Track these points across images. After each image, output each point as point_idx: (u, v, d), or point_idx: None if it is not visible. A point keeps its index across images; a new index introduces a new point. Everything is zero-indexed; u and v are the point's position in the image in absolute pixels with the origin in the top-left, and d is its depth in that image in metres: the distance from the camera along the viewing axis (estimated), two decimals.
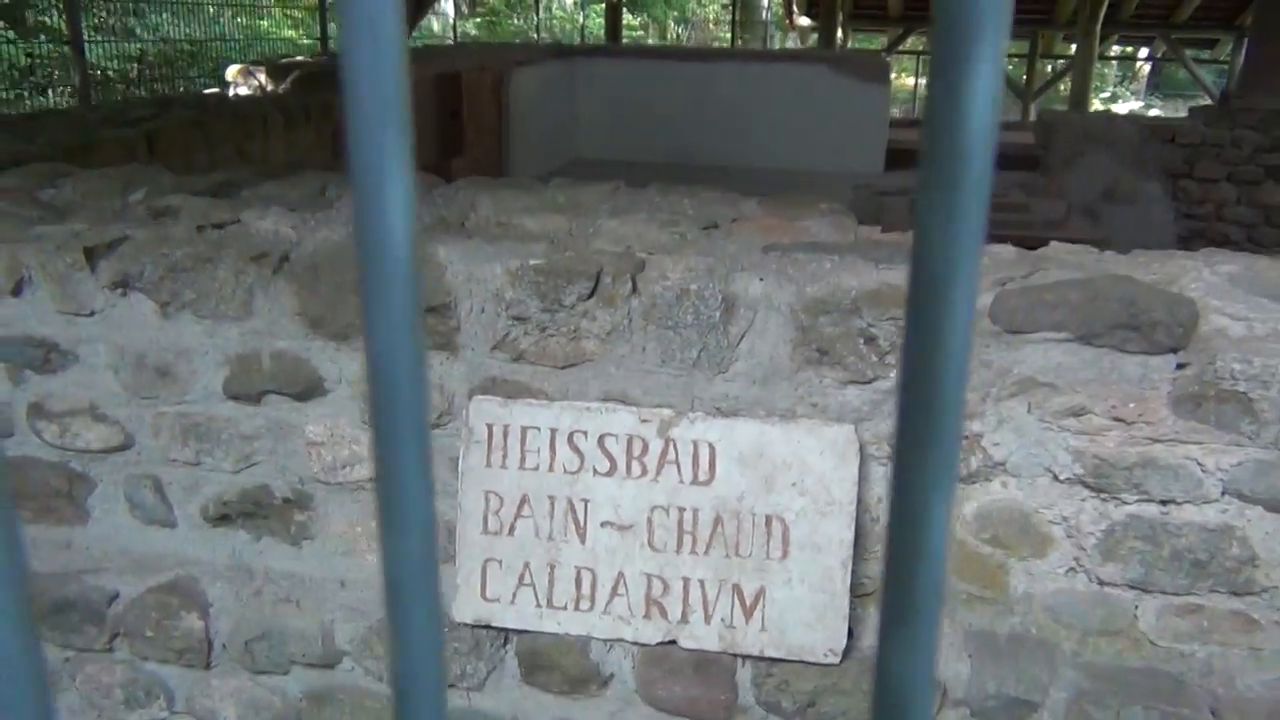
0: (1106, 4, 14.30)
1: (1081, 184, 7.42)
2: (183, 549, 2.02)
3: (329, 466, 1.92)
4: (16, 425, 2.02)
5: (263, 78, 5.21)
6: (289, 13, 19.07)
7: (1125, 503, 1.70)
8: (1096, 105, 23.99)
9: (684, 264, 1.77)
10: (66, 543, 2.06)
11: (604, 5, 15.44)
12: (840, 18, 16.70)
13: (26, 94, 11.08)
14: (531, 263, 1.79)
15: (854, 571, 1.74)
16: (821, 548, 1.71)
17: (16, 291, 1.94)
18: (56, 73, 11.49)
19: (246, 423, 1.94)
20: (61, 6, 10.55)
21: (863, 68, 7.46)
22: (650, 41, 24.52)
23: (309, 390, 1.88)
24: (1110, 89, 28.27)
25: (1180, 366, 1.65)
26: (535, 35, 16.05)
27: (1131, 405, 1.65)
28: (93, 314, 1.93)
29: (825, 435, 1.71)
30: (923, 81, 27.11)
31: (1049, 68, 19.21)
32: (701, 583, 1.75)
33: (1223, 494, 1.68)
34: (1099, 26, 14.04)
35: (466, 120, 5.92)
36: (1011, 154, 7.85)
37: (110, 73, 11.42)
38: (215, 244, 1.89)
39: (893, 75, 23.81)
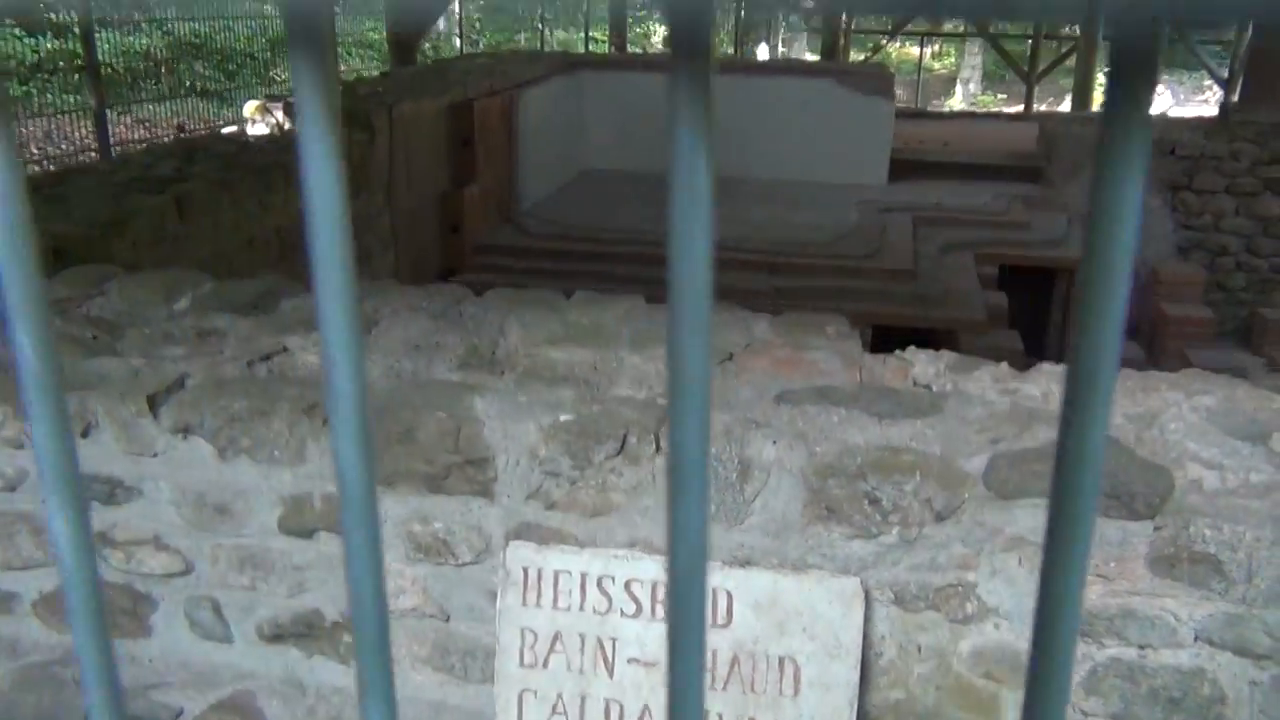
0: None
1: (1084, 195, 7.53)
2: (240, 663, 2.20)
3: None
4: None
5: (280, 115, 5.32)
6: None
7: (1106, 646, 1.87)
8: (1101, 81, 23.87)
9: None
10: (131, 657, 2.23)
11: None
12: None
13: (35, 90, 11.19)
14: (562, 419, 1.95)
15: (860, 703, 1.91)
16: (830, 687, 1.88)
17: (85, 434, 2.09)
18: (61, 64, 11.56)
19: (299, 555, 2.10)
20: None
21: (867, 81, 7.55)
22: (655, 29, 24.40)
23: None
24: None
25: (1157, 528, 1.80)
26: (540, 24, 16.05)
27: (1112, 564, 1.81)
28: (155, 455, 2.09)
29: (833, 586, 1.87)
30: (928, 52, 27.04)
31: (1056, 46, 19.14)
32: (720, 716, 1.92)
33: (1195, 640, 1.84)
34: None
35: (479, 148, 6.03)
36: (1015, 165, 7.94)
37: (118, 69, 11.50)
38: (270, 396, 2.04)
39: (898, 45, 23.64)
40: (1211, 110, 21.13)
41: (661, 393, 2.08)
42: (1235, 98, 16.41)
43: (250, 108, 5.41)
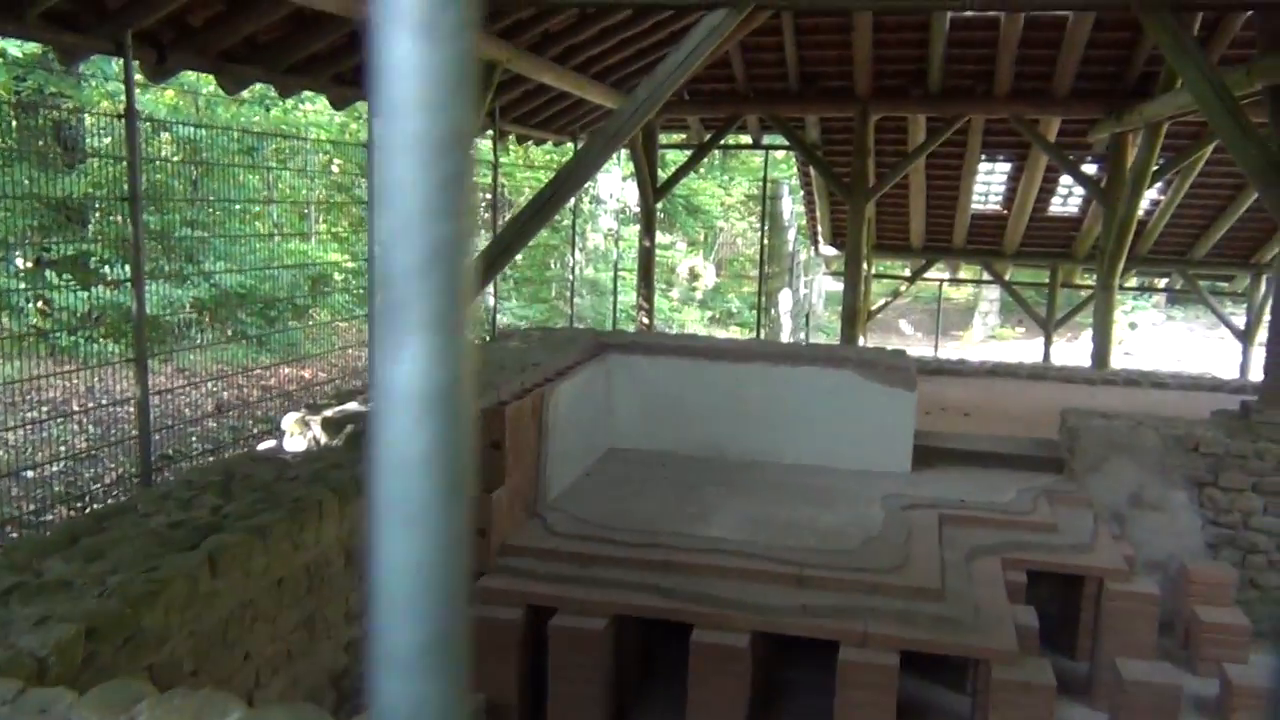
0: (1128, 244, 14.57)
1: (1108, 489, 7.54)
2: None
3: None
4: None
5: (318, 428, 5.47)
6: (333, 229, 19.99)
7: None
8: (1119, 321, 24.39)
9: None
10: None
11: (638, 244, 16.11)
12: (865, 249, 17.27)
13: (82, 340, 11.61)
14: None
15: None
16: None
17: None
18: (109, 315, 12.07)
19: None
20: (123, 258, 11.19)
21: (889, 373, 7.72)
22: (680, 258, 25.38)
23: None
24: (1131, 300, 28.85)
25: None
26: (570, 276, 16.67)
27: None
28: None
29: None
30: (947, 286, 27.83)
31: (1071, 295, 19.68)
32: None
33: None
34: (1121, 264, 14.26)
35: (508, 451, 6.15)
36: (1038, 454, 8.00)
37: (166, 319, 12.00)
38: None
39: (916, 288, 24.31)
40: (1228, 345, 21.42)
41: None
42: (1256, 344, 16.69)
43: (290, 421, 5.57)
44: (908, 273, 20.23)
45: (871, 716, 5.25)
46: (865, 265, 17.57)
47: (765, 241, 19.15)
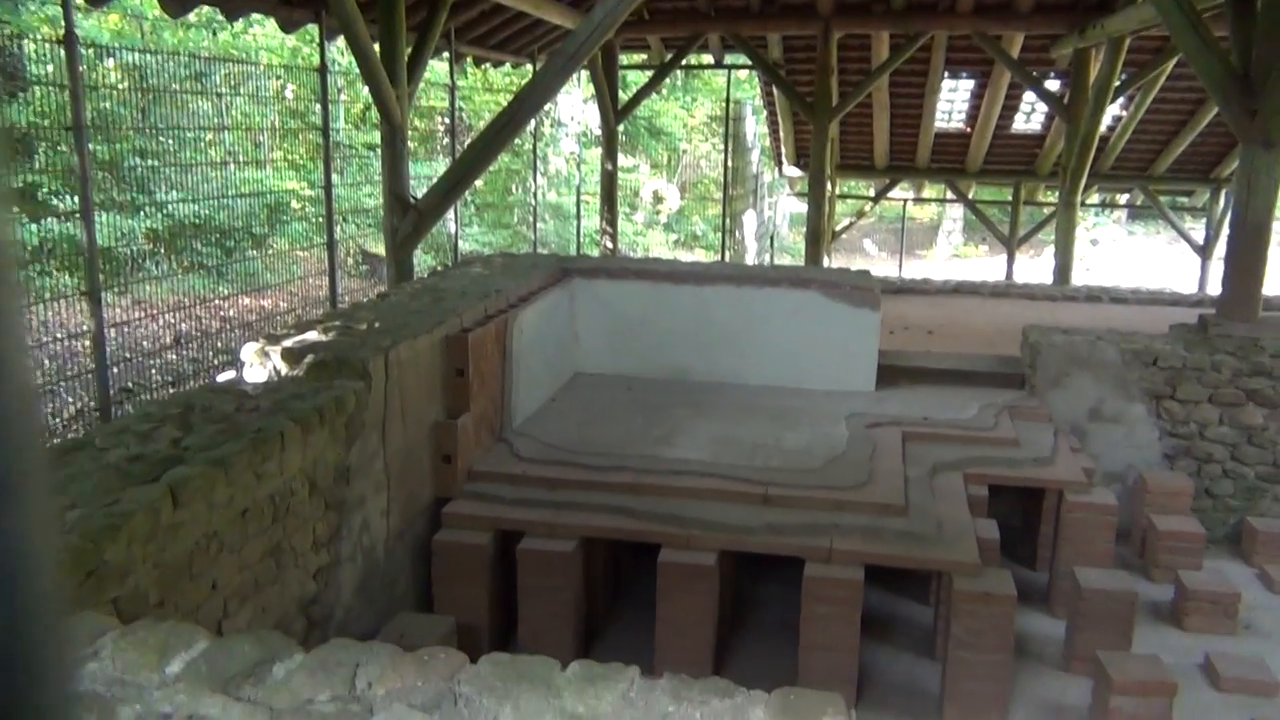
0: (1090, 160, 14.57)
1: (1068, 403, 7.64)
2: None
3: None
4: None
5: (278, 359, 5.40)
6: (289, 156, 19.56)
7: None
8: (1080, 238, 24.58)
9: None
10: None
11: (600, 167, 15.92)
12: (829, 169, 17.18)
13: (35, 274, 11.37)
14: None
15: None
16: None
17: None
18: (62, 247, 11.80)
19: None
20: (73, 189, 10.91)
21: (854, 294, 7.72)
22: (644, 180, 25.13)
23: None
24: (1093, 216, 29.00)
25: None
26: (532, 200, 16.47)
27: None
28: None
29: None
30: (911, 205, 27.75)
31: (1034, 213, 19.75)
32: None
33: None
34: (1083, 181, 14.29)
35: (472, 377, 6.11)
36: (1000, 371, 8.08)
37: (120, 251, 11.76)
38: None
39: (880, 207, 24.31)
40: (1188, 260, 21.66)
41: None
42: (1213, 267, 16.87)
43: (250, 351, 5.49)
44: (872, 192, 20.20)
45: (837, 630, 5.35)
46: (829, 185, 17.50)
47: (729, 163, 18.99)
